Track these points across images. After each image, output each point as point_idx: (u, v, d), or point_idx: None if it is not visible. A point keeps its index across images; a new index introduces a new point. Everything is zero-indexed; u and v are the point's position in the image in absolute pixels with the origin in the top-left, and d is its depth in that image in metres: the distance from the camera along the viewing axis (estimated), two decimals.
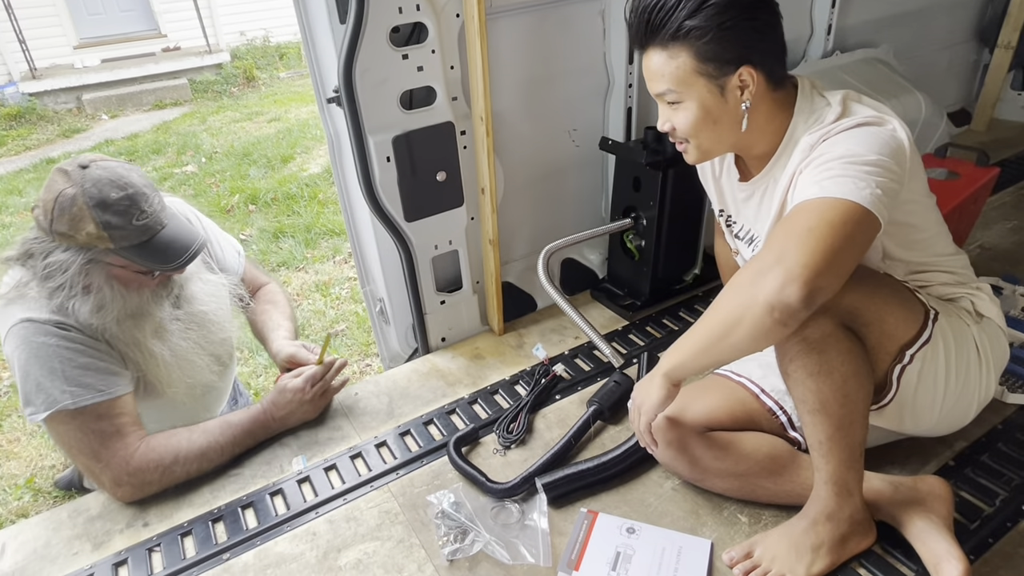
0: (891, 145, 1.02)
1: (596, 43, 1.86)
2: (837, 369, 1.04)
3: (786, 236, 0.97)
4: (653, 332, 1.85)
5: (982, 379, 1.21)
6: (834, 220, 0.95)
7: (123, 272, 1.31)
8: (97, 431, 1.29)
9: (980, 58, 3.04)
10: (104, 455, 1.30)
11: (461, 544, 1.24)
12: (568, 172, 2.00)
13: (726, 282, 1.66)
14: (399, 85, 1.51)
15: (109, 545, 1.31)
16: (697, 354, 1.06)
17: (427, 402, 1.65)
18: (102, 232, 1.23)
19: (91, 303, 1.28)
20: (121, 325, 1.33)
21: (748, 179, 1.26)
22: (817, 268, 0.92)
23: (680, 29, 1.06)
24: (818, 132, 1.08)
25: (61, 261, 1.26)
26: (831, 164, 1.01)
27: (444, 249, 1.75)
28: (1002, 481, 1.29)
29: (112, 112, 7.24)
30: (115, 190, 1.24)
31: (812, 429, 1.08)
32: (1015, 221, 2.28)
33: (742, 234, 1.34)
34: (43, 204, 1.25)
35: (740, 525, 1.26)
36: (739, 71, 1.08)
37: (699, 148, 1.20)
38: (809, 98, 1.15)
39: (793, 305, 0.92)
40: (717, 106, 1.12)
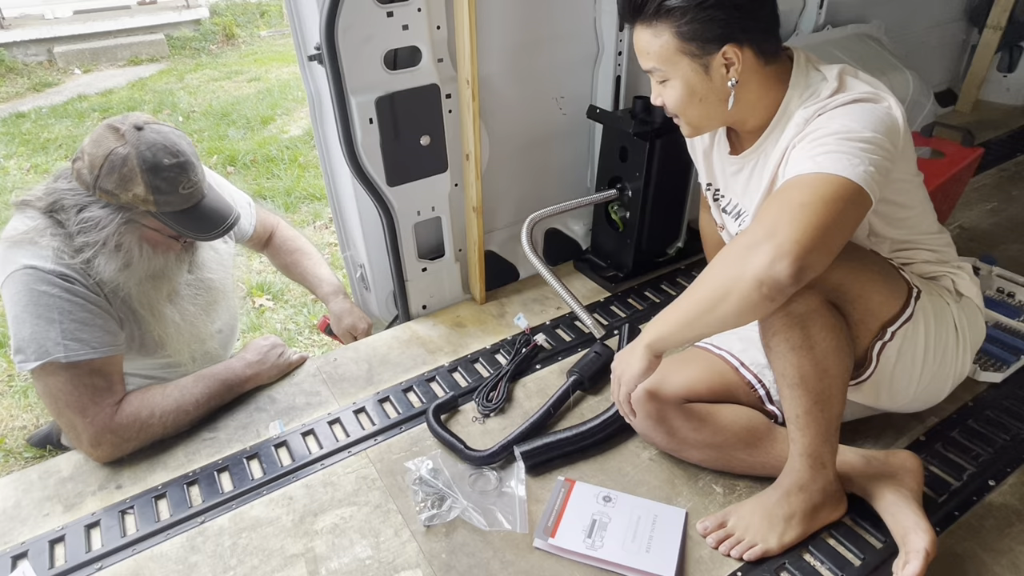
0: (886, 123, 1.01)
1: (587, 8, 1.82)
2: (819, 344, 1.05)
3: (778, 210, 0.96)
4: (635, 304, 1.85)
5: (958, 357, 1.22)
6: (827, 196, 0.94)
7: (155, 235, 1.33)
8: (88, 386, 1.28)
9: (969, 38, 3.04)
10: (91, 411, 1.29)
11: (438, 510, 1.24)
12: (554, 140, 1.97)
13: (710, 257, 1.66)
14: (383, 44, 1.47)
15: (81, 507, 1.29)
16: (682, 326, 1.05)
17: (407, 369, 1.64)
18: (149, 196, 1.24)
19: (118, 261, 1.28)
20: (141, 285, 1.34)
21: (739, 152, 1.25)
22: (808, 244, 0.91)
23: (662, 8, 1.05)
24: (814, 106, 1.06)
25: (98, 217, 1.25)
26: (826, 139, 1.00)
27: (427, 215, 1.72)
28: (970, 456, 1.32)
29: (85, 66, 6.99)
30: (168, 156, 1.25)
31: (790, 402, 1.09)
32: (995, 202, 2.31)
33: (729, 208, 1.33)
34: (90, 158, 1.24)
35: (715, 495, 1.28)
36: (723, 50, 1.06)
37: (689, 123, 1.20)
38: (804, 71, 1.13)
39: (782, 281, 0.91)
40: (702, 84, 1.10)
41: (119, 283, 1.31)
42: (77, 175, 1.27)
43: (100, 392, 1.30)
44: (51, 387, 1.27)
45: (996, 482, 1.27)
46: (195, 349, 1.52)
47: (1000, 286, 1.79)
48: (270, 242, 1.79)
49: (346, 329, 1.69)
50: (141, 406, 1.35)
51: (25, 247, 1.26)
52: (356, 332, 1.67)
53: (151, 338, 1.42)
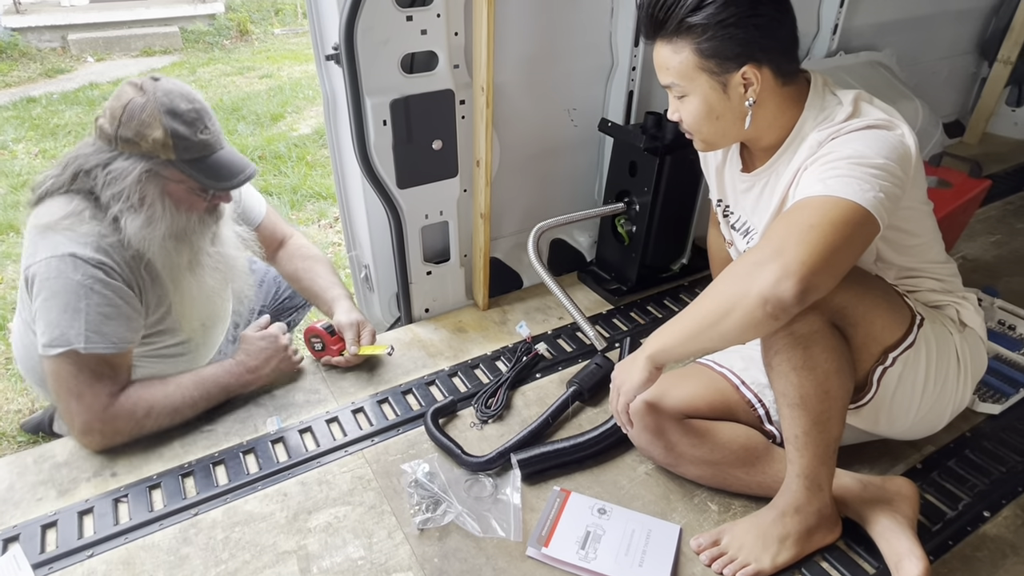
0: (898, 151, 1.02)
1: (603, 22, 1.84)
2: (820, 365, 1.05)
3: (787, 230, 0.96)
4: (637, 318, 1.86)
5: (959, 388, 1.23)
6: (836, 219, 0.94)
7: (178, 189, 1.33)
8: (94, 373, 1.29)
9: (979, 71, 3.06)
10: (87, 398, 1.29)
11: (433, 514, 1.24)
12: (564, 151, 1.99)
13: (716, 273, 1.66)
14: (401, 47, 1.48)
15: (75, 493, 1.29)
16: (684, 339, 1.06)
17: (407, 371, 1.64)
18: (168, 139, 1.25)
19: (142, 216, 1.29)
20: (164, 245, 1.34)
21: (750, 170, 1.26)
22: (814, 266, 0.91)
23: (683, 25, 1.05)
24: (827, 129, 1.07)
25: (121, 168, 1.27)
26: (838, 163, 1.00)
27: (434, 219, 1.73)
28: (966, 487, 1.32)
29: (98, 55, 7.02)
30: (184, 101, 1.27)
31: (790, 422, 1.09)
32: (999, 235, 2.32)
33: (738, 225, 1.34)
34: (110, 111, 1.27)
35: (710, 513, 1.28)
36: (742, 69, 1.07)
37: (704, 140, 1.20)
38: (820, 94, 1.14)
39: (786, 300, 0.92)
40: (720, 102, 1.11)
41: (145, 242, 1.31)
42: (99, 131, 1.29)
43: (102, 380, 1.29)
44: (58, 373, 1.27)
45: (991, 513, 1.27)
46: (205, 325, 1.53)
47: (1001, 318, 1.79)
48: (281, 247, 1.76)
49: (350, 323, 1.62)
50: (139, 401, 1.34)
51: (66, 232, 1.27)
52: (363, 328, 1.62)
53: (168, 309, 1.43)
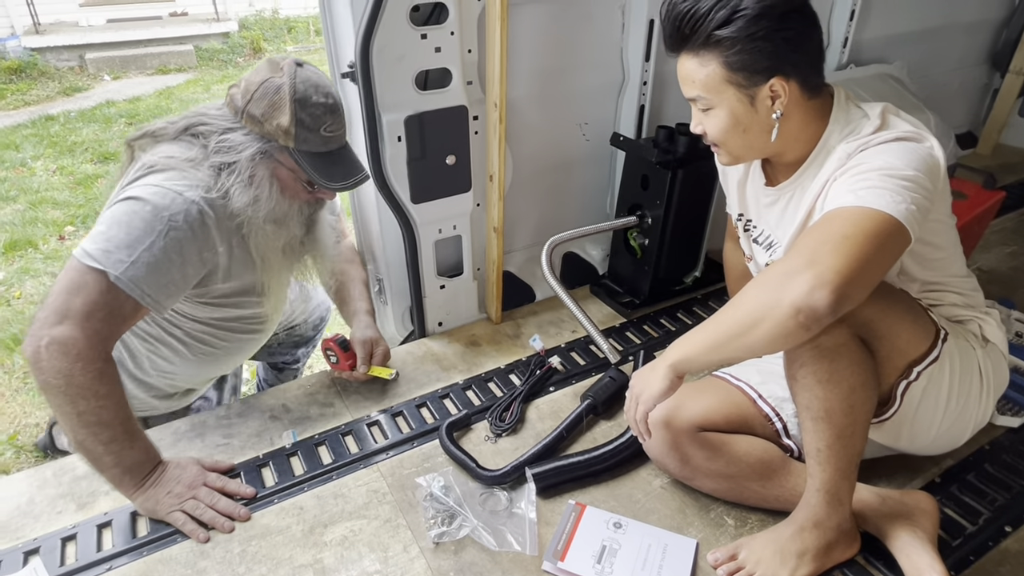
0: (928, 163, 1.02)
1: (614, 38, 1.85)
2: (846, 379, 1.04)
3: (820, 240, 0.95)
4: (650, 331, 1.86)
5: (981, 403, 1.22)
6: (869, 230, 0.94)
7: (287, 176, 1.32)
8: (99, 306, 1.17)
9: (991, 82, 3.05)
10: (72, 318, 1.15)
11: (448, 528, 1.24)
12: (576, 166, 2.00)
13: (731, 287, 1.66)
14: (416, 64, 1.50)
15: (94, 506, 1.30)
16: (709, 349, 1.04)
17: (421, 385, 1.65)
18: (291, 128, 1.25)
19: (250, 194, 1.27)
20: (263, 227, 1.32)
21: (774, 184, 1.26)
22: (849, 276, 0.91)
23: (711, 38, 1.05)
24: (856, 141, 1.07)
25: (238, 141, 1.27)
26: (869, 174, 1.00)
27: (448, 233, 1.74)
28: (986, 501, 1.30)
29: (115, 73, 7.15)
30: (319, 95, 1.26)
31: (813, 436, 1.08)
32: (1014, 246, 2.30)
33: (761, 239, 1.34)
34: (245, 84, 1.27)
35: (726, 527, 1.27)
36: (770, 82, 1.06)
37: (729, 153, 1.19)
38: (845, 108, 1.14)
39: (820, 310, 0.90)
40: (747, 115, 1.11)
41: (246, 218, 1.29)
42: (230, 99, 1.29)
43: (92, 317, 1.16)
44: (75, 282, 1.16)
45: (1013, 528, 1.25)
46: (280, 309, 1.50)
47: (1019, 330, 1.78)
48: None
49: (363, 340, 1.60)
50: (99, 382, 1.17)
51: (182, 172, 1.24)
52: (376, 347, 1.59)
53: (256, 286, 1.41)
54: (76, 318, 1.15)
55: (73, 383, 1.15)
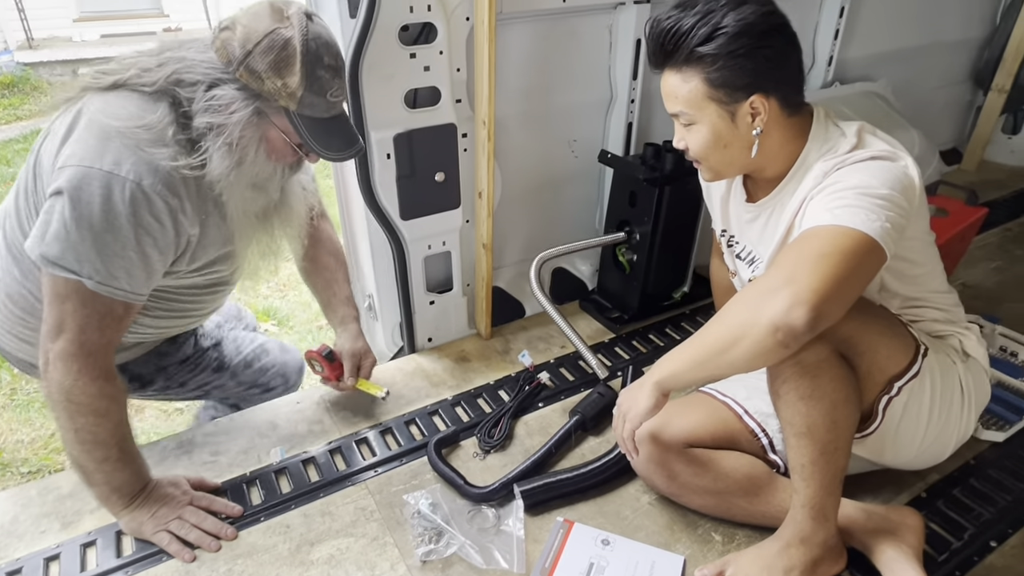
0: (903, 181, 1.04)
1: (602, 56, 1.88)
2: (828, 395, 1.05)
3: (797, 259, 0.97)
4: (639, 347, 1.86)
5: (963, 417, 1.23)
6: (845, 248, 0.96)
7: (277, 138, 1.18)
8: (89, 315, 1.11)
9: (974, 99, 3.10)
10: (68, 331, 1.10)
11: (435, 546, 1.24)
12: (565, 182, 2.02)
13: (718, 302, 1.68)
14: (405, 83, 1.51)
15: (78, 525, 1.29)
16: (692, 366, 1.06)
17: (410, 401, 1.65)
18: (299, 90, 1.10)
19: (233, 157, 1.14)
20: (244, 193, 1.21)
21: (755, 200, 1.28)
22: (825, 294, 0.92)
23: (693, 54, 1.07)
24: (832, 160, 1.09)
25: (231, 99, 1.10)
26: (844, 193, 1.02)
27: (437, 250, 1.75)
28: (971, 516, 1.31)
29: None
30: (330, 56, 1.13)
31: (796, 452, 1.09)
32: (998, 262, 2.33)
33: (743, 255, 1.36)
34: (244, 31, 1.08)
35: (714, 543, 1.27)
36: (750, 99, 1.09)
37: (710, 168, 1.21)
38: (824, 126, 1.16)
39: (797, 328, 0.92)
40: (728, 131, 1.13)
41: (226, 185, 1.16)
42: (222, 45, 1.10)
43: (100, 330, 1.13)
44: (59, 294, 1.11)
45: (998, 543, 1.26)
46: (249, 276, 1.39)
47: (1003, 345, 1.80)
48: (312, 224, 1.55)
49: (352, 352, 1.55)
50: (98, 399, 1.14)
51: (137, 149, 1.08)
52: (364, 359, 1.56)
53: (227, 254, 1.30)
54: (72, 332, 1.11)
55: (72, 399, 1.12)
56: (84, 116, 1.10)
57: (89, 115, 1.10)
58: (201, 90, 1.10)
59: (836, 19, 2.24)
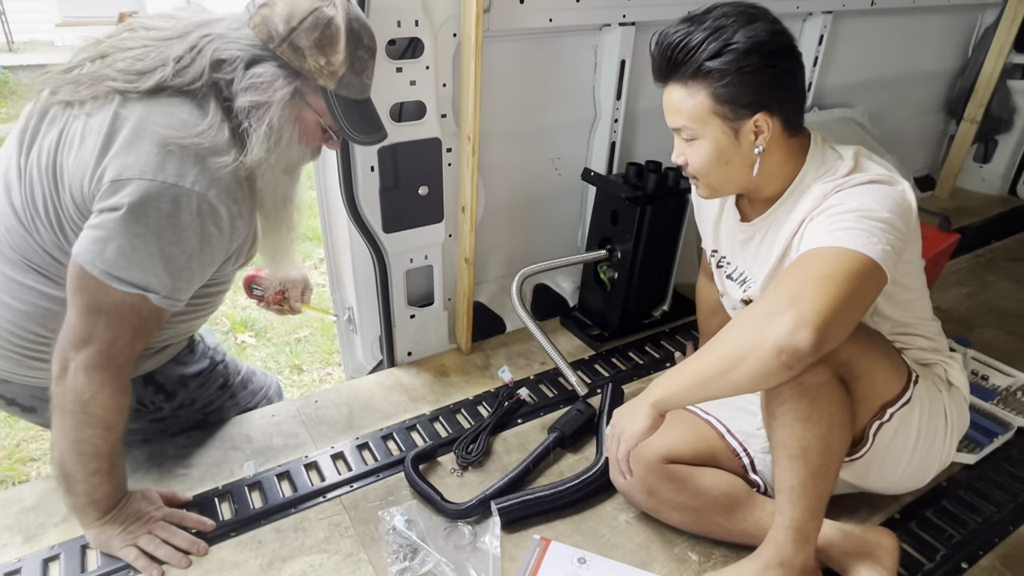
0: (901, 205, 1.05)
1: (587, 76, 1.90)
2: (825, 418, 1.05)
3: (800, 280, 0.97)
4: (619, 364, 1.87)
5: (945, 444, 1.25)
6: (848, 271, 0.96)
7: (311, 119, 1.17)
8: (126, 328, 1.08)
9: (947, 129, 3.18)
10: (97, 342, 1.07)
11: (410, 563, 1.22)
12: (548, 199, 2.03)
13: (703, 322, 1.69)
14: (390, 97, 1.52)
15: (41, 539, 1.25)
16: (692, 387, 1.04)
17: (388, 416, 1.63)
18: (341, 68, 1.10)
19: (272, 138, 1.11)
20: (276, 176, 1.18)
21: (749, 220, 1.28)
22: (830, 316, 0.92)
23: (702, 69, 1.07)
24: (832, 182, 1.10)
25: (273, 76, 1.08)
26: (845, 216, 1.02)
27: (419, 263, 1.75)
28: (943, 537, 1.33)
29: None
30: (368, 37, 1.14)
31: (786, 473, 1.08)
32: (970, 287, 2.38)
33: (735, 275, 1.35)
34: (288, 7, 1.07)
35: (690, 563, 1.27)
36: (755, 117, 1.09)
37: (708, 185, 1.20)
38: (821, 149, 1.17)
39: (803, 350, 0.91)
40: (730, 148, 1.13)
41: (264, 169, 1.14)
42: (261, 21, 1.07)
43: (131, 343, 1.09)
44: (100, 301, 1.06)
45: (969, 565, 1.27)
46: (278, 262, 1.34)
47: (975, 369, 1.83)
48: None
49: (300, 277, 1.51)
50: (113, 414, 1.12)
51: (199, 161, 1.05)
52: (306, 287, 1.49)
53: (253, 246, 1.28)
54: (102, 343, 1.08)
55: (88, 410, 1.09)
56: (127, 124, 1.05)
57: (134, 123, 1.05)
58: (241, 68, 1.08)
59: (816, 46, 2.29)
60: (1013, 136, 3.03)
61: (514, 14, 1.62)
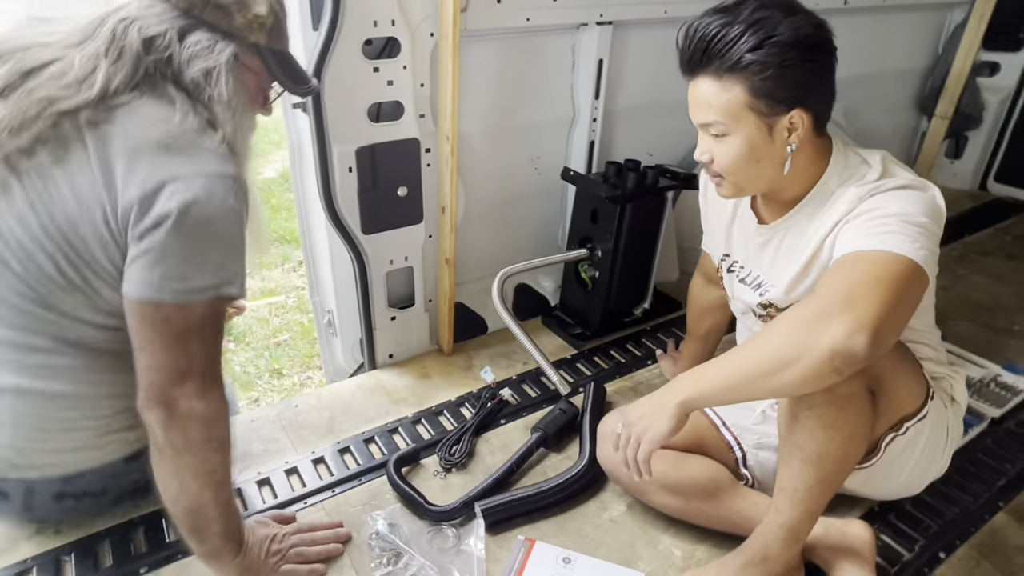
0: (935, 211, 1.04)
1: (564, 75, 1.90)
2: (849, 428, 1.04)
3: (852, 283, 0.94)
4: (600, 362, 1.87)
5: (943, 457, 1.27)
6: (898, 274, 0.94)
7: (252, 82, 1.10)
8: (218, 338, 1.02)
9: (919, 126, 3.24)
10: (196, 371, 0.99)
11: (394, 567, 1.21)
12: (528, 199, 2.02)
13: (693, 319, 1.67)
14: (367, 97, 1.50)
15: (13, 552, 1.22)
16: (725, 388, 0.99)
17: (369, 419, 1.62)
18: (269, 18, 1.03)
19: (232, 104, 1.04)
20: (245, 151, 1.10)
21: (766, 222, 1.25)
22: (885, 320, 0.89)
23: (740, 62, 1.02)
24: (865, 186, 1.07)
25: (208, 41, 1.01)
26: (888, 220, 1.00)
27: (399, 265, 1.73)
28: (921, 528, 1.34)
29: None
30: None
31: (795, 475, 1.07)
32: (943, 281, 2.42)
33: (749, 280, 1.31)
34: None
35: (674, 559, 1.27)
36: (791, 113, 1.05)
37: (735, 184, 1.15)
38: (843, 153, 1.15)
39: (858, 354, 0.88)
40: (763, 144, 1.08)
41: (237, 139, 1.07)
42: None
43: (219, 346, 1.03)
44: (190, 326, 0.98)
45: (946, 554, 1.29)
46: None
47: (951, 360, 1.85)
48: None
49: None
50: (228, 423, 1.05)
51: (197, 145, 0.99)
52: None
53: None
54: (202, 361, 1.00)
55: (213, 435, 1.01)
56: (113, 147, 0.97)
57: (120, 143, 0.97)
58: (175, 40, 1.00)
59: None
60: (983, 132, 3.09)
61: (491, 13, 1.62)
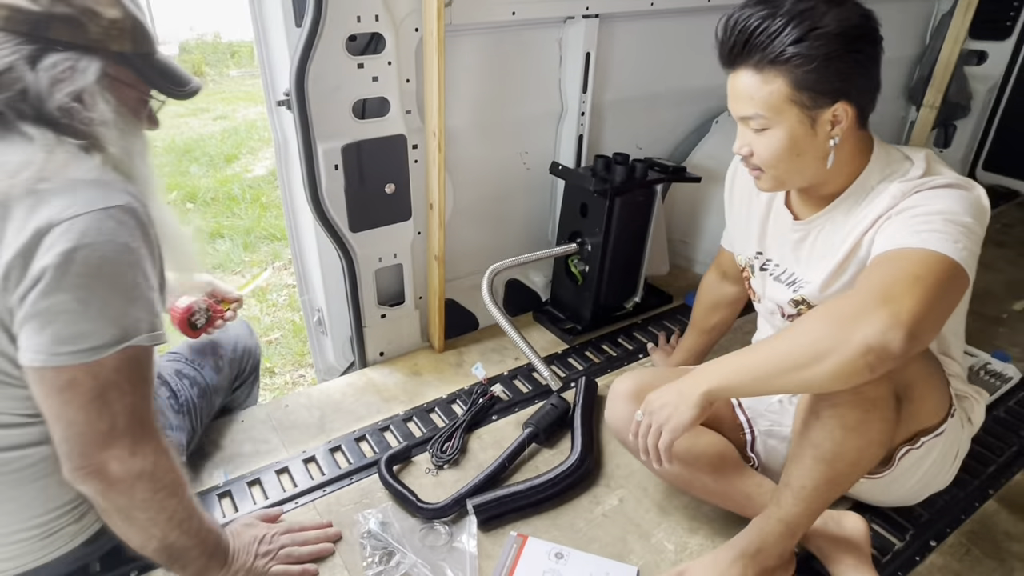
0: (980, 211, 1.01)
1: (552, 69, 1.89)
2: (869, 433, 1.02)
3: (892, 279, 0.92)
4: (592, 357, 1.87)
5: (948, 473, 1.27)
6: (939, 273, 0.92)
7: (130, 95, 0.99)
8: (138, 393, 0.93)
9: (907, 115, 3.24)
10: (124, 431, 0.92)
11: (386, 566, 1.20)
12: (517, 194, 2.02)
13: (699, 314, 1.64)
14: (353, 94, 1.49)
15: None
16: (755, 379, 0.97)
17: (360, 417, 1.61)
18: (127, 22, 0.91)
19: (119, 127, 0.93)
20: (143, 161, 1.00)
21: (802, 218, 1.22)
22: (922, 317, 0.87)
23: (783, 54, 0.99)
24: (909, 183, 1.04)
25: (69, 62, 0.88)
26: (931, 218, 0.98)
27: (388, 262, 1.72)
28: (912, 517, 1.35)
29: None
30: None
31: (804, 472, 1.05)
32: None
33: (784, 277, 1.27)
34: None
35: (667, 553, 1.27)
36: (835, 106, 1.02)
37: (775, 178, 1.12)
38: (885, 149, 1.12)
39: (893, 351, 0.86)
40: (805, 138, 1.05)
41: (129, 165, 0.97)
42: (8, 14, 0.85)
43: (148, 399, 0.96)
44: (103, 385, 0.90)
45: (937, 542, 1.30)
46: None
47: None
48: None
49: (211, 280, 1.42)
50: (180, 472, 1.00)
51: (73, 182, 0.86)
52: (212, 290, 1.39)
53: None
54: (125, 418, 0.92)
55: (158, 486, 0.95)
56: None
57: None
58: (25, 70, 0.86)
59: None
60: (971, 121, 3.10)
61: (476, 7, 1.61)
